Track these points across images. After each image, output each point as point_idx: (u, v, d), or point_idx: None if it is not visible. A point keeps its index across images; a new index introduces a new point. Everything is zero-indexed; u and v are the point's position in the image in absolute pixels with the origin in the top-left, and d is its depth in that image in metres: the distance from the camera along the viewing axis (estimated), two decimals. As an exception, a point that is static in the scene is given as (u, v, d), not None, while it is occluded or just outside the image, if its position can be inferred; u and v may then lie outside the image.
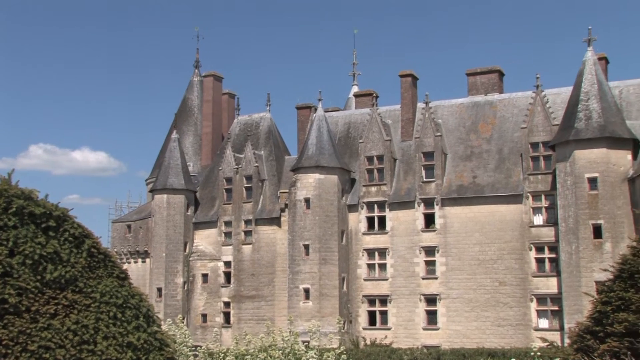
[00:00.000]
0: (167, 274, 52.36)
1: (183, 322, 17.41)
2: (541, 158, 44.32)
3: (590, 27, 43.01)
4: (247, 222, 51.79)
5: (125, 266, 26.21)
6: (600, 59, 43.98)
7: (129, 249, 55.67)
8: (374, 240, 47.73)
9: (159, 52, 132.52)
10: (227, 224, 52.54)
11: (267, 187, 52.24)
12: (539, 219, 43.95)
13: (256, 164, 52.13)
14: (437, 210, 46.12)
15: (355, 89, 63.30)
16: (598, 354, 12.99)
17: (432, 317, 45.62)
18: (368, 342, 45.34)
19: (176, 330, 15.15)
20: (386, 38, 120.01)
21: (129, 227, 56.34)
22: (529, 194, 44.04)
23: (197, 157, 58.05)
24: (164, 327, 13.84)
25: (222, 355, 14.82)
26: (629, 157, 40.23)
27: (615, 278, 13.71)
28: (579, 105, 41.17)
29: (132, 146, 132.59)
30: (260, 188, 52.15)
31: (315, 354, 13.53)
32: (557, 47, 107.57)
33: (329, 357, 13.42)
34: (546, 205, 43.67)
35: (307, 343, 16.94)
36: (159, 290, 52.28)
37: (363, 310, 47.47)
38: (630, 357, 12.57)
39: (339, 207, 47.90)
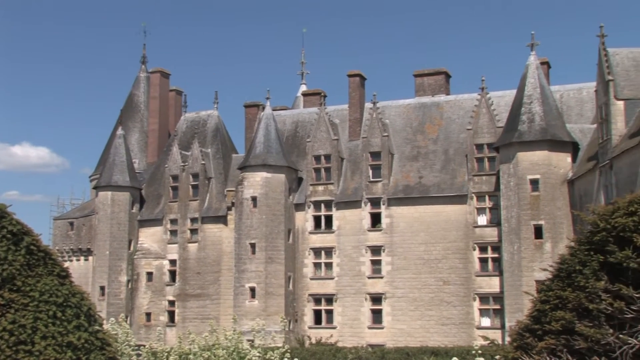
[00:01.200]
0: (110, 272, 51.53)
1: (126, 321, 17.16)
2: (486, 159, 45.12)
3: (533, 32, 44.01)
4: (193, 220, 51.34)
5: (66, 264, 25.66)
6: (542, 63, 44.99)
7: (71, 247, 54.58)
8: (321, 240, 47.88)
9: (105, 47, 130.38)
10: (173, 222, 52.01)
11: (213, 185, 51.88)
12: (482, 219, 44.73)
13: (203, 162, 51.72)
14: (383, 209, 46.51)
15: (303, 88, 63.39)
16: (536, 352, 13.26)
17: (377, 316, 45.99)
18: (313, 341, 45.45)
19: (118, 330, 14.92)
20: (335, 38, 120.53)
21: (71, 224, 55.24)
22: (473, 195, 44.78)
23: (142, 154, 57.26)
24: (105, 326, 13.62)
25: (166, 354, 14.66)
26: (569, 159, 41.25)
27: (553, 277, 14.00)
28: (522, 108, 42.02)
29: (76, 142, 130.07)
30: (206, 186, 51.76)
31: (259, 352, 13.50)
32: (502, 51, 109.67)
33: (272, 356, 13.40)
34: (490, 206, 44.48)
35: (251, 342, 16.89)
36: (102, 288, 51.41)
37: (309, 309, 47.56)
38: (567, 354, 12.86)
39: (286, 206, 47.88)
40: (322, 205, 48.15)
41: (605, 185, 35.87)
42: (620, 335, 12.62)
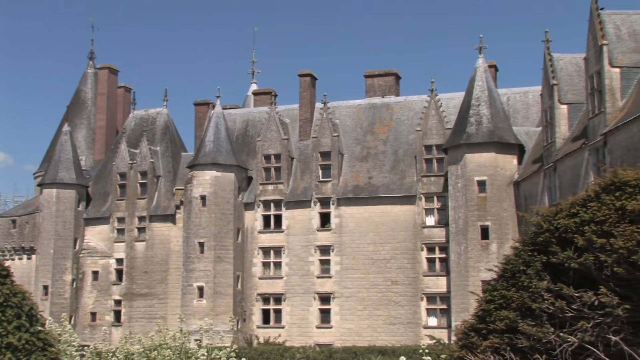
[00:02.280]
0: (54, 271, 50.49)
1: (69, 321, 16.82)
2: (434, 160, 45.66)
3: (481, 36, 44.73)
4: (141, 218, 50.68)
5: (7, 263, 25.05)
6: (490, 66, 45.77)
7: (13, 245, 53.29)
8: (270, 239, 47.78)
9: (51, 41, 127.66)
10: (120, 220, 51.25)
11: (162, 184, 51.31)
12: (430, 220, 45.25)
13: (151, 160, 51.09)
14: (332, 209, 46.67)
15: (254, 87, 63.16)
16: (481, 350, 13.47)
17: (325, 315, 46.10)
18: (261, 341, 45.33)
19: (61, 330, 14.60)
20: (286, 38, 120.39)
21: (13, 222, 53.91)
22: (422, 196, 45.26)
23: (89, 151, 56.27)
24: (48, 327, 13.32)
25: (111, 354, 14.39)
26: (515, 161, 42.04)
27: (498, 277, 14.23)
28: (470, 111, 42.65)
29: (19, 138, 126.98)
30: (155, 184, 51.16)
31: (206, 352, 13.38)
32: (451, 54, 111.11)
33: (219, 355, 13.30)
34: (438, 207, 45.02)
35: (199, 342, 16.72)
36: (45, 288, 50.32)
37: (257, 308, 47.42)
38: (510, 352, 13.10)
39: (235, 205, 47.65)
40: (272, 205, 48.06)
41: (549, 187, 36.67)
42: (561, 334, 12.92)
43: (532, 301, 13.30)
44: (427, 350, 14.27)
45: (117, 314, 50.56)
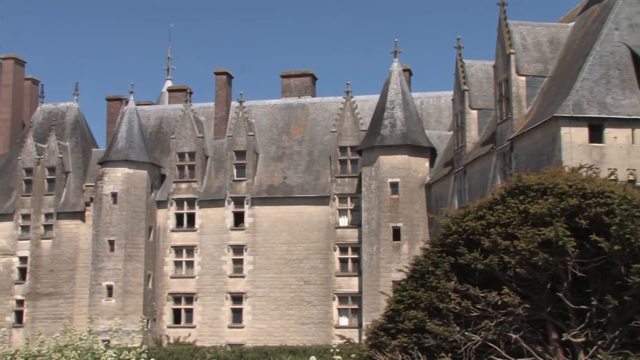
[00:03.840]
0: (-47, 269, 48.21)
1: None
2: (348, 162, 46.15)
3: (396, 40, 45.65)
4: (48, 215, 49.03)
5: None
6: (404, 70, 46.67)
7: None
8: (183, 238, 47.16)
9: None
10: (25, 217, 49.43)
11: (71, 180, 49.82)
12: (344, 221, 45.72)
13: (60, 155, 49.52)
14: (247, 209, 46.49)
15: (169, 84, 62.12)
16: (389, 350, 13.74)
17: (237, 315, 45.88)
18: (172, 341, 44.67)
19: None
20: (202, 35, 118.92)
21: None
22: (335, 196, 45.67)
23: (-7, 144, 53.97)
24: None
25: (10, 357, 13.85)
26: (427, 164, 42.99)
27: (408, 278, 14.57)
28: (385, 113, 43.35)
29: None
30: (64, 180, 49.62)
31: (114, 353, 13.08)
32: (367, 56, 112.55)
33: (128, 356, 13.03)
34: (351, 208, 45.54)
35: (107, 342, 16.38)
36: (-57, 287, 48.00)
37: (168, 308, 46.71)
38: (417, 351, 13.42)
39: (148, 202, 46.80)
40: (185, 203, 47.46)
41: (459, 190, 37.69)
42: (466, 333, 13.34)
43: (439, 301, 13.68)
44: (337, 350, 14.45)
45: (19, 315, 48.74)
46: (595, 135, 27.82)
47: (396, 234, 41.73)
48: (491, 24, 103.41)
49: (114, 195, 46.01)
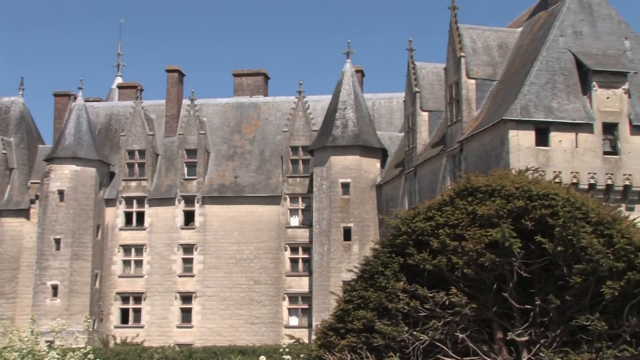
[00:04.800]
0: None
1: None
2: (300, 162, 46.19)
3: (349, 41, 45.91)
4: (-9, 213, 47.78)
5: None
6: (357, 71, 46.93)
7: None
8: (131, 236, 46.52)
9: None
10: (-33, 214, 48.09)
11: (15, 177, 48.65)
12: (295, 221, 45.74)
13: (4, 151, 48.31)
14: (197, 208, 46.13)
15: (119, 80, 61.21)
16: (338, 349, 13.79)
17: (186, 315, 45.47)
18: (119, 341, 44.02)
19: None
20: (154, 32, 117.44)
21: None
22: (287, 196, 45.66)
23: None
24: None
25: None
26: (378, 165, 43.30)
27: (358, 278, 14.64)
28: (337, 114, 43.51)
29: None
30: (7, 177, 48.43)
31: (57, 354, 12.82)
32: (320, 57, 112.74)
33: (72, 357, 12.78)
34: (302, 208, 45.59)
35: (50, 343, 16.04)
36: None
37: (115, 308, 46.02)
38: (366, 351, 13.51)
39: (96, 200, 46.05)
40: (134, 202, 46.84)
41: (410, 191, 38.05)
42: (414, 332, 13.48)
43: (388, 301, 13.79)
44: (287, 350, 14.43)
45: (-40, 315, 47.39)
46: (542, 138, 28.42)
47: (347, 234, 41.92)
48: (443, 27, 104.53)
49: (61, 192, 45.14)
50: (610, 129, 29.09)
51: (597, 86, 29.16)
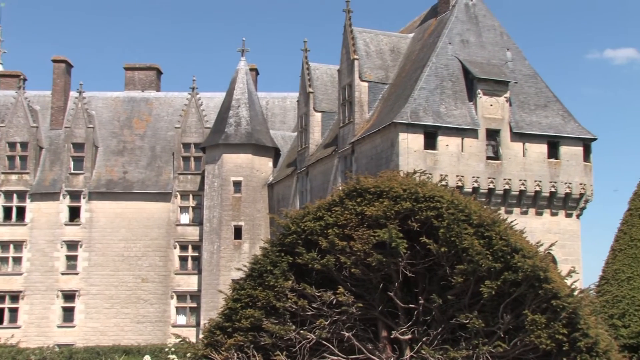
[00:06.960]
0: None
1: None
2: (192, 159, 45.59)
3: (244, 39, 45.62)
4: None
5: None
6: (251, 69, 46.82)
7: None
8: (10, 232, 44.43)
9: None
10: None
11: None
12: (185, 218, 45.11)
13: None
14: (83, 203, 44.66)
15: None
16: (225, 348, 13.71)
17: (69, 314, 43.90)
18: (-6, 342, 41.95)
19: None
20: (39, 19, 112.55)
21: None
22: (177, 193, 44.96)
23: None
24: None
25: None
26: (270, 164, 43.36)
27: (247, 277, 14.60)
28: (230, 112, 43.23)
29: None
30: None
31: None
32: (215, 54, 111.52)
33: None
34: (193, 205, 45.02)
35: None
36: None
37: (-8, 307, 43.83)
38: (253, 350, 13.50)
39: (-27, 194, 43.66)
40: (15, 196, 44.77)
41: (301, 190, 38.31)
42: (301, 331, 13.59)
43: (277, 300, 13.83)
44: (173, 349, 14.21)
45: None
46: (430, 142, 29.26)
47: (237, 232, 41.75)
48: (337, 30, 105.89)
49: None
50: (493, 134, 30.31)
51: (481, 93, 30.33)
